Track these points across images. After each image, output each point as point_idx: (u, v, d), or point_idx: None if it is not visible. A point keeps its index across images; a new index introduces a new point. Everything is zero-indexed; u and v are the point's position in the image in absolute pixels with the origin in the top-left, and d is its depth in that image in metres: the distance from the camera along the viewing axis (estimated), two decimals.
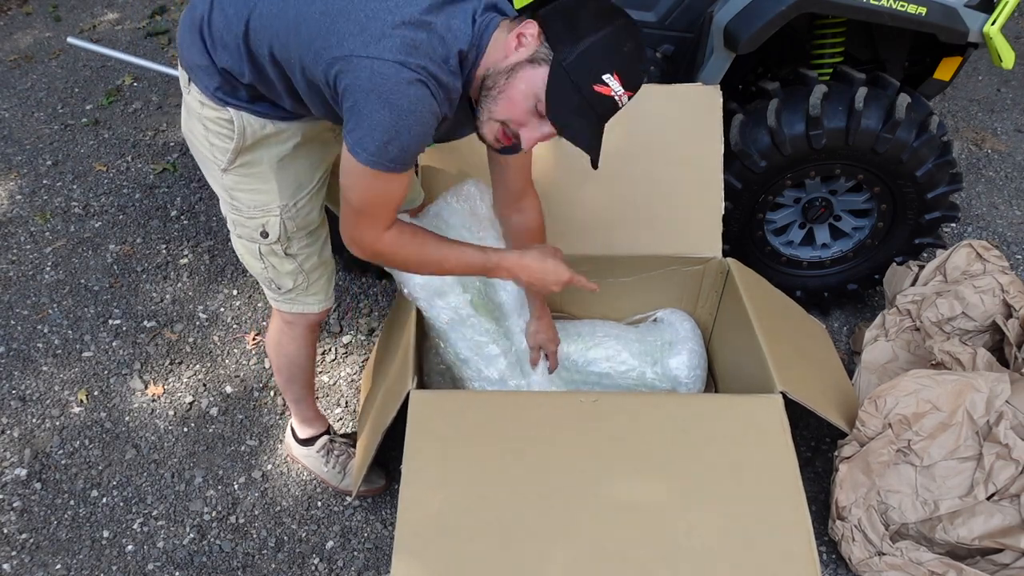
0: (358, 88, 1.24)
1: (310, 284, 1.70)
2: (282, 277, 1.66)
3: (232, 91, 1.45)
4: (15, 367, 2.35)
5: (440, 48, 1.26)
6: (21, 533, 1.95)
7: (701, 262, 2.02)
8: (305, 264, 1.66)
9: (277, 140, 1.51)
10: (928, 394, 1.74)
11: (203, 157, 1.56)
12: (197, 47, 1.43)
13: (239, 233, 1.62)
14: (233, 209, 1.59)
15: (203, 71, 1.44)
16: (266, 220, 1.57)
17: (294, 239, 1.62)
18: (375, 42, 1.22)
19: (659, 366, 1.93)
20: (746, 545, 1.40)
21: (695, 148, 2.01)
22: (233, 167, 1.53)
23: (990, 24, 1.91)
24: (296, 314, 1.74)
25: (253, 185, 1.54)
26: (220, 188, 1.58)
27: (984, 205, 2.90)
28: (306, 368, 1.88)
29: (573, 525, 1.42)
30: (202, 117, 1.50)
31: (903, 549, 1.68)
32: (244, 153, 1.51)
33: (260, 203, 1.56)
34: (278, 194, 1.55)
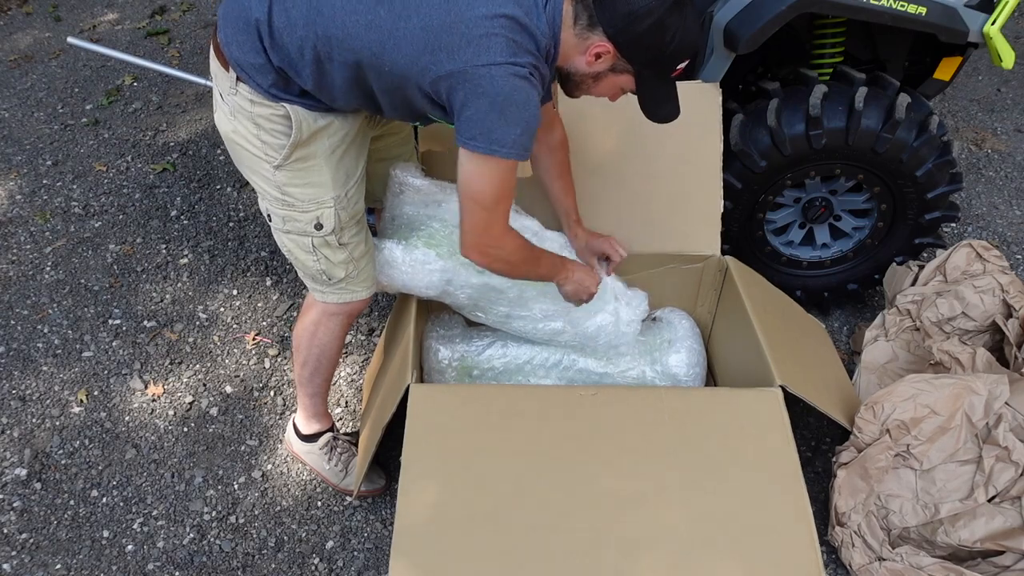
0: (481, 95, 1.36)
1: (360, 271, 1.73)
2: (335, 268, 1.69)
3: (286, 87, 1.48)
4: (15, 367, 2.36)
5: (531, 42, 1.39)
6: (21, 533, 1.95)
7: (700, 260, 2.02)
8: (355, 252, 1.70)
9: (329, 132, 1.55)
10: (926, 398, 1.74)
11: (250, 156, 1.57)
12: (251, 46, 1.46)
13: (289, 228, 1.64)
14: (284, 204, 1.60)
15: (256, 70, 1.47)
16: (321, 212, 1.60)
17: (346, 229, 1.65)
18: (485, 51, 1.34)
19: (659, 364, 1.93)
20: (748, 537, 1.40)
21: (694, 146, 2.01)
22: (288, 162, 1.55)
23: (990, 24, 1.91)
24: (343, 303, 1.76)
25: (308, 179, 1.57)
26: (270, 186, 1.59)
27: (984, 205, 2.90)
28: (334, 360, 1.89)
29: (572, 520, 1.42)
30: (254, 115, 1.52)
31: (903, 554, 1.68)
32: (300, 147, 1.54)
33: (314, 196, 1.59)
34: (332, 186, 1.59)
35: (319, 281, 1.73)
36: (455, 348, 1.89)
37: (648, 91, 1.53)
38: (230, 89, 1.52)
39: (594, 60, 1.47)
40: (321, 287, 1.74)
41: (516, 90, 1.37)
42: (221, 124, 1.60)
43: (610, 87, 1.54)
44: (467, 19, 1.35)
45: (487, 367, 1.88)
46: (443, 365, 1.88)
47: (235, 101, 1.52)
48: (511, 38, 1.36)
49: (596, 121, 2.02)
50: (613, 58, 1.46)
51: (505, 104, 1.37)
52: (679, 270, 2.02)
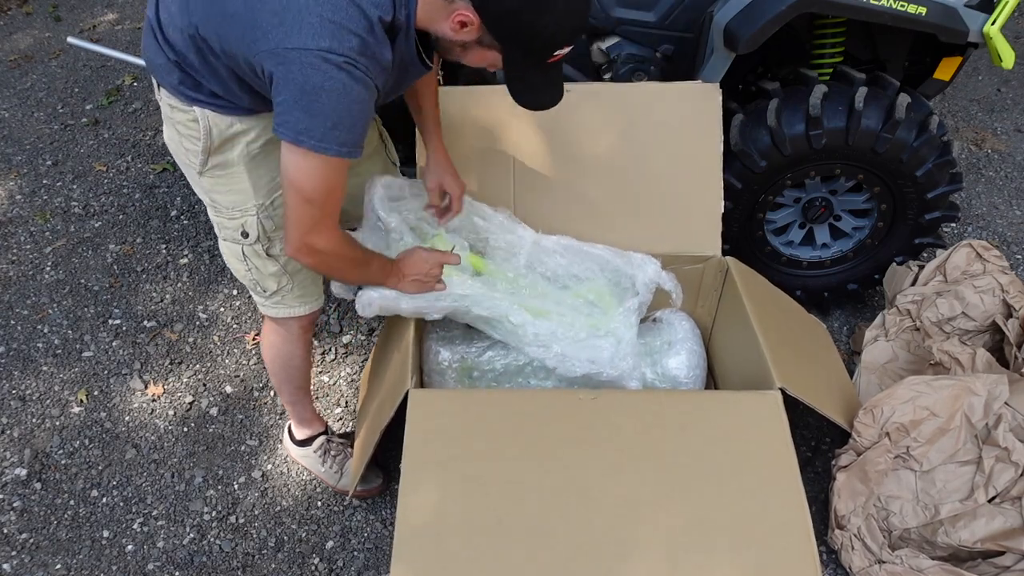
0: (291, 80, 1.24)
1: (295, 285, 1.68)
2: (266, 279, 1.65)
3: (196, 86, 1.44)
4: (15, 367, 2.36)
5: (360, 19, 1.25)
6: (21, 533, 1.95)
7: (700, 260, 2.02)
8: (288, 266, 1.64)
9: (246, 138, 1.50)
10: (925, 401, 1.74)
11: (182, 163, 1.58)
12: (154, 46, 1.45)
13: (223, 236, 1.62)
14: (214, 211, 1.59)
15: (164, 69, 1.45)
16: (244, 220, 1.57)
17: (275, 239, 1.60)
18: (296, 31, 1.22)
19: (658, 366, 1.93)
20: (746, 541, 1.40)
21: (694, 146, 2.01)
22: (207, 169, 1.53)
23: (990, 24, 1.91)
24: (284, 318, 1.73)
25: (228, 185, 1.54)
26: (201, 192, 1.59)
27: (984, 205, 2.90)
28: (301, 368, 1.87)
29: (572, 523, 1.42)
30: (174, 121, 1.51)
31: (903, 557, 1.68)
32: (215, 154, 1.51)
33: (236, 203, 1.56)
34: (253, 193, 1.55)
35: (255, 292, 1.70)
36: (455, 349, 1.89)
37: (516, 73, 1.38)
38: (157, 95, 1.52)
39: (459, 28, 1.31)
40: (259, 298, 1.71)
41: (328, 80, 1.24)
42: (164, 133, 1.60)
43: (480, 59, 1.38)
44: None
45: (487, 368, 1.88)
46: (443, 366, 1.88)
47: (162, 108, 1.52)
48: (329, 19, 1.22)
49: (595, 121, 2.02)
50: (478, 30, 1.30)
51: (314, 94, 1.24)
52: (679, 271, 2.01)
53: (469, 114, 2.01)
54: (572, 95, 2.01)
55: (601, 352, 1.75)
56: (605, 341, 1.78)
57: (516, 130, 2.01)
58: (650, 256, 1.89)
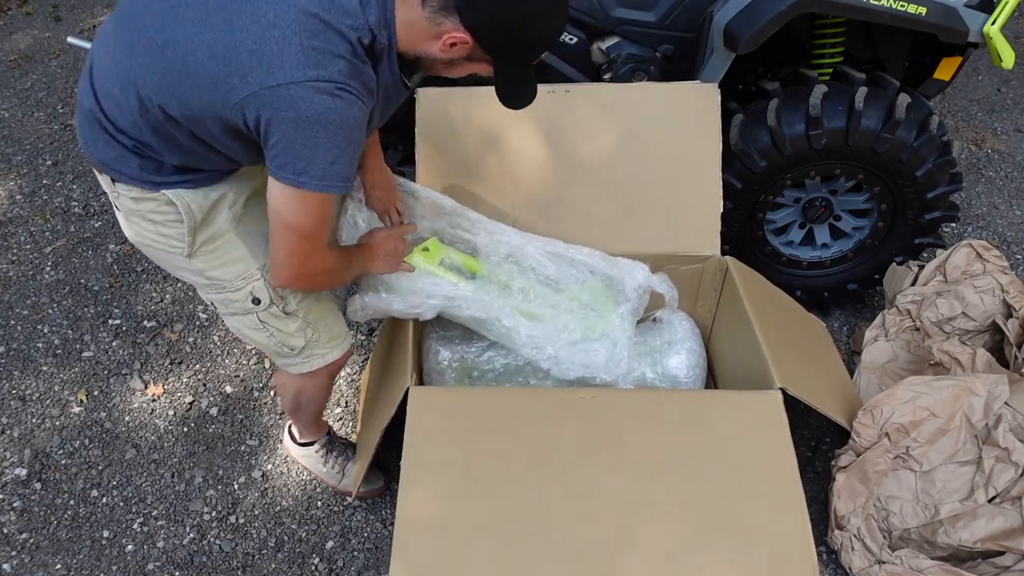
0: (283, 119, 1.19)
1: (321, 333, 1.63)
2: (292, 338, 1.59)
3: (158, 168, 1.37)
4: (15, 367, 2.36)
5: (341, 43, 1.20)
6: (21, 533, 1.95)
7: (700, 260, 2.02)
8: (309, 316, 1.59)
9: (226, 203, 1.45)
10: (925, 401, 1.74)
11: (163, 253, 1.47)
12: (102, 139, 1.36)
13: (232, 311, 1.54)
14: (216, 288, 1.51)
15: (118, 161, 1.37)
16: (252, 287, 1.50)
17: (289, 295, 1.54)
18: (279, 67, 1.16)
19: (659, 366, 1.93)
20: (746, 540, 1.40)
21: (693, 146, 2.01)
22: (197, 248, 1.45)
23: (990, 24, 1.91)
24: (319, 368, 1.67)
25: (225, 257, 1.48)
26: (193, 275, 1.50)
27: (984, 205, 2.90)
28: (323, 402, 1.85)
29: (571, 521, 1.42)
30: (143, 213, 1.41)
31: (903, 557, 1.68)
32: (201, 230, 1.43)
33: (239, 272, 1.49)
34: (252, 256, 1.49)
35: (283, 355, 1.63)
36: (455, 349, 1.89)
37: (506, 79, 1.37)
38: (112, 193, 1.42)
39: (449, 48, 1.29)
40: (289, 360, 1.64)
41: (325, 111, 1.19)
42: (127, 232, 1.49)
43: (462, 71, 1.37)
44: (253, 33, 1.17)
45: (487, 368, 1.88)
46: (443, 366, 1.88)
47: (123, 204, 1.42)
48: (309, 46, 1.17)
49: (595, 121, 2.02)
50: (470, 47, 1.29)
51: (310, 129, 1.19)
52: (679, 271, 2.02)
53: (468, 115, 2.01)
54: (572, 95, 2.02)
55: (596, 356, 1.75)
56: (600, 344, 1.78)
57: (515, 130, 2.01)
58: (639, 262, 1.89)
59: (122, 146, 1.35)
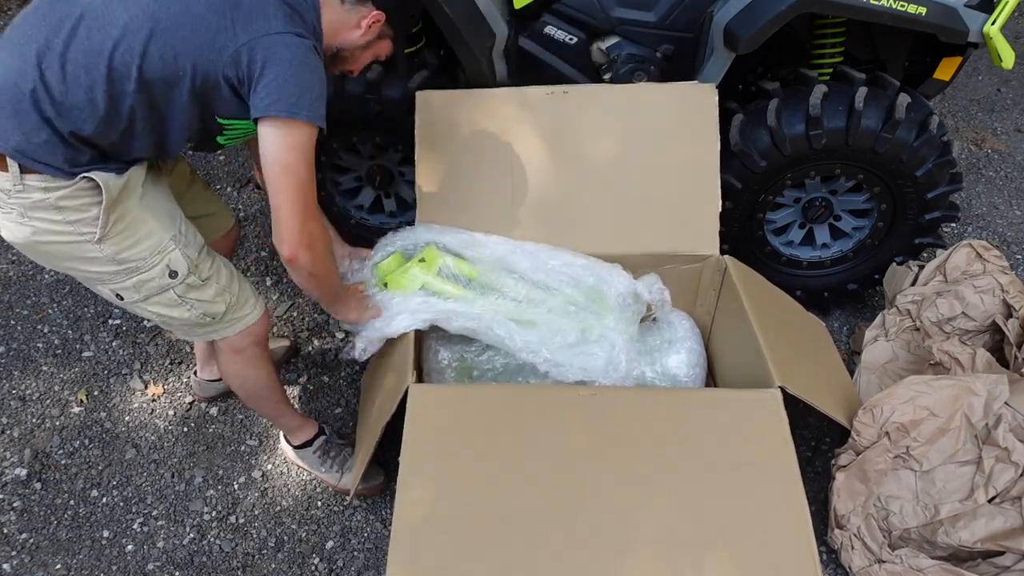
0: (278, 60, 1.37)
1: (238, 294, 1.68)
2: (212, 305, 1.63)
3: (76, 156, 1.40)
4: (15, 367, 2.36)
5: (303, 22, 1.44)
6: (21, 533, 1.95)
7: (699, 260, 2.02)
8: (221, 279, 1.64)
9: (131, 185, 1.49)
10: (925, 401, 1.74)
11: (66, 245, 1.47)
12: (31, 122, 1.36)
13: (146, 294, 1.55)
14: (128, 272, 1.52)
15: (44, 148, 1.37)
16: (167, 259, 1.53)
17: (201, 264, 1.59)
18: (275, 19, 1.38)
19: (658, 365, 1.93)
20: (745, 540, 1.40)
21: (691, 145, 2.01)
22: (109, 230, 1.46)
23: (990, 24, 1.91)
24: (242, 333, 1.71)
25: (137, 234, 1.50)
26: (103, 263, 1.50)
27: (984, 205, 2.90)
28: (270, 386, 1.86)
29: (570, 521, 1.42)
30: (53, 203, 1.41)
31: (903, 556, 1.68)
32: (114, 209, 1.46)
33: (152, 247, 1.52)
34: (164, 227, 1.54)
35: (205, 325, 1.66)
36: (455, 348, 1.89)
37: None
38: (14, 188, 1.39)
39: (367, 30, 1.55)
40: (212, 329, 1.68)
41: (308, 56, 1.40)
42: (14, 235, 1.46)
43: (372, 56, 1.63)
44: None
45: (487, 367, 1.88)
46: (443, 365, 1.88)
47: (24, 200, 1.40)
48: (289, 13, 1.40)
49: (594, 121, 2.02)
50: (382, 24, 1.56)
51: (300, 68, 1.39)
52: (678, 270, 2.02)
53: (468, 116, 2.02)
54: (572, 95, 2.02)
55: (594, 360, 1.77)
56: (598, 347, 1.79)
57: (514, 130, 2.01)
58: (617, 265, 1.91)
59: (53, 131, 1.37)
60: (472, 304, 1.80)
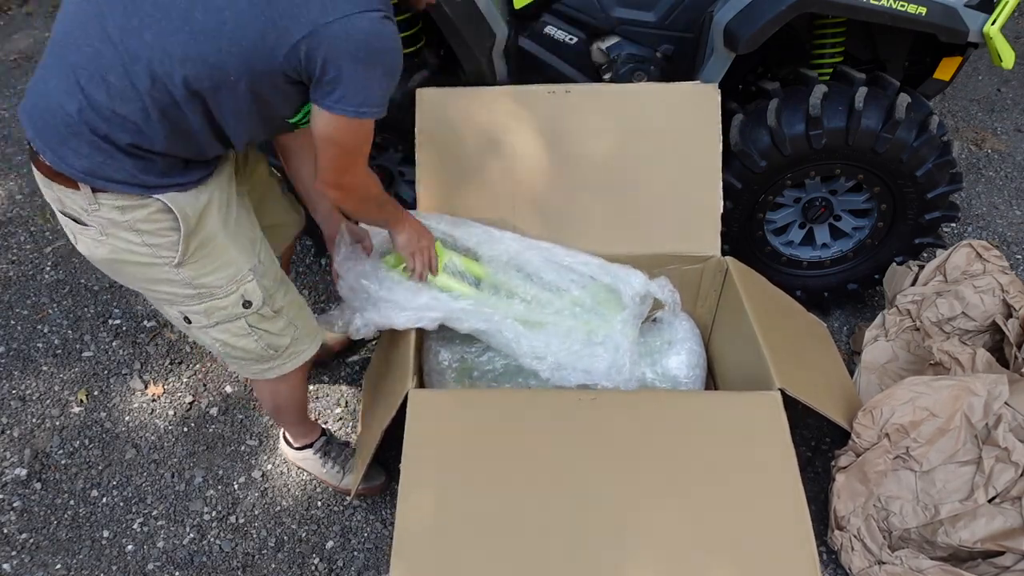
0: (340, 54, 1.24)
1: (300, 328, 1.64)
2: (278, 338, 1.60)
3: (148, 168, 1.33)
4: (15, 367, 2.36)
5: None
6: (21, 533, 1.95)
7: (700, 260, 2.02)
8: (291, 311, 1.61)
9: (214, 206, 1.44)
10: (924, 401, 1.74)
11: (144, 267, 1.43)
12: (89, 143, 1.30)
13: (215, 320, 1.51)
14: (201, 298, 1.48)
15: (107, 166, 1.31)
16: (243, 289, 1.49)
17: (275, 294, 1.56)
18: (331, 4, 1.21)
19: (658, 366, 1.93)
20: (745, 542, 1.40)
21: (693, 146, 2.01)
22: (188, 256, 1.42)
23: (990, 24, 1.91)
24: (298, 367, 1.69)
25: (216, 262, 1.46)
26: (178, 286, 1.46)
27: (984, 205, 2.90)
28: (300, 402, 1.86)
29: (571, 523, 1.42)
30: (131, 224, 1.37)
31: (903, 557, 1.68)
32: (195, 235, 1.42)
33: (230, 276, 1.47)
34: (243, 257, 1.49)
35: (264, 360, 1.61)
36: (455, 349, 1.89)
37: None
38: (91, 207, 1.35)
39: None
40: (267, 364, 1.63)
41: (376, 38, 1.25)
42: (93, 252, 1.42)
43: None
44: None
45: (487, 368, 1.88)
46: (443, 366, 1.88)
47: (101, 218, 1.36)
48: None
49: (595, 121, 2.02)
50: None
51: (368, 59, 1.26)
52: (679, 271, 2.02)
53: (468, 114, 2.01)
54: (572, 95, 2.02)
55: (597, 362, 1.76)
56: (603, 349, 1.79)
57: (515, 130, 2.01)
58: (635, 269, 1.89)
59: (113, 146, 1.30)
60: (482, 304, 1.78)
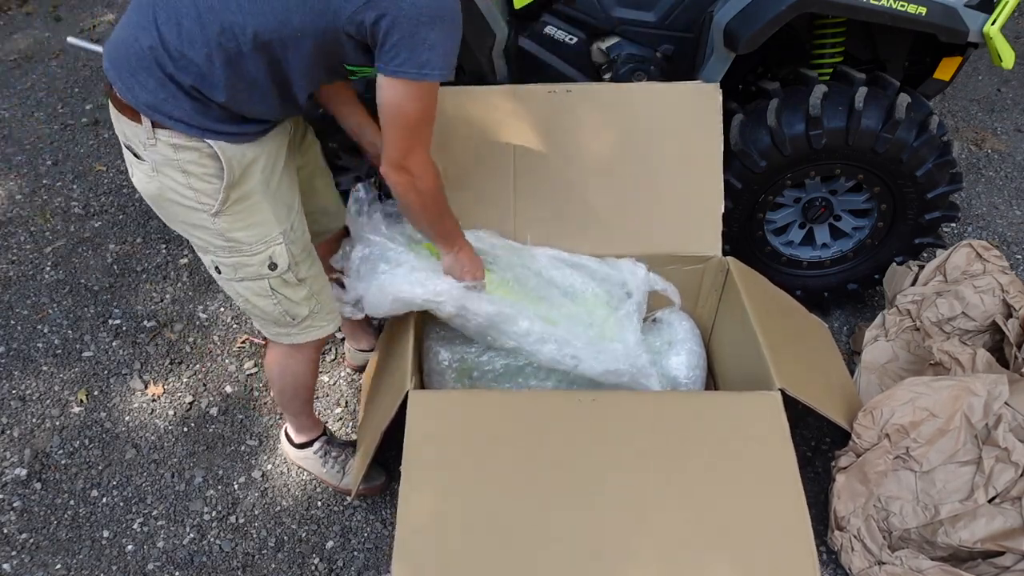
0: (405, 18, 1.28)
1: (322, 304, 1.66)
2: (297, 306, 1.62)
3: (206, 112, 1.39)
4: (15, 367, 2.36)
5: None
6: (21, 533, 1.95)
7: (701, 261, 2.02)
8: (314, 285, 1.63)
9: (260, 166, 1.48)
10: (924, 402, 1.74)
11: (185, 209, 1.48)
12: (155, 79, 1.36)
13: (242, 275, 1.55)
14: (231, 251, 1.52)
15: (169, 103, 1.37)
16: (272, 251, 1.52)
17: (302, 263, 1.59)
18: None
19: (658, 366, 1.93)
20: (745, 542, 1.40)
21: (695, 146, 2.01)
22: (227, 207, 1.46)
23: (990, 24, 1.91)
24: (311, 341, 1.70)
25: (251, 219, 1.49)
26: (212, 235, 1.50)
27: (984, 205, 2.90)
28: (310, 385, 1.87)
29: (571, 524, 1.42)
30: (181, 163, 1.42)
31: (903, 558, 1.68)
32: (236, 188, 1.46)
33: (261, 235, 1.51)
34: (276, 221, 1.52)
35: (282, 324, 1.65)
36: (455, 349, 1.89)
37: None
38: (148, 140, 1.41)
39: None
40: (285, 329, 1.66)
41: (441, 5, 1.30)
42: (145, 187, 1.49)
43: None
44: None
45: (487, 368, 1.88)
46: (443, 366, 1.88)
47: (156, 154, 1.42)
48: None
49: (596, 121, 2.02)
50: None
51: (431, 22, 1.29)
52: (680, 271, 2.02)
53: (468, 114, 2.01)
54: (572, 95, 2.02)
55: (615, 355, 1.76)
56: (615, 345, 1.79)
57: (515, 130, 2.01)
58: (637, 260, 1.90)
59: (176, 85, 1.36)
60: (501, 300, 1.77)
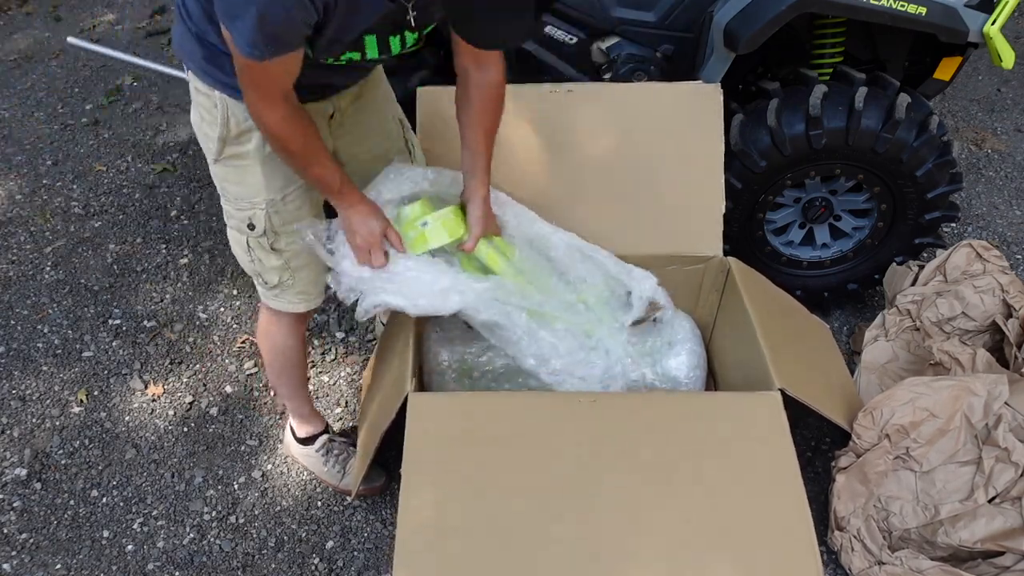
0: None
1: (296, 282, 1.68)
2: (268, 272, 1.65)
3: (214, 60, 1.42)
4: (15, 367, 2.36)
5: None
6: (21, 533, 1.95)
7: (701, 261, 2.01)
8: (292, 261, 1.64)
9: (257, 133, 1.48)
10: (924, 402, 1.74)
11: (203, 146, 1.57)
12: (180, 20, 1.46)
13: (230, 224, 1.63)
14: (224, 198, 1.60)
15: (187, 46, 1.45)
16: (252, 213, 1.57)
17: (281, 235, 1.60)
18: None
19: (658, 367, 1.93)
20: (747, 542, 1.40)
21: (695, 146, 2.01)
22: (222, 158, 1.53)
23: (990, 24, 1.91)
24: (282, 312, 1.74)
25: (240, 177, 1.54)
26: (215, 177, 1.59)
27: (984, 205, 2.90)
28: (296, 361, 1.87)
29: (572, 524, 1.42)
30: (198, 104, 1.51)
31: (903, 558, 1.68)
32: (230, 144, 1.50)
33: (246, 195, 1.55)
34: (264, 188, 1.54)
35: (257, 282, 1.71)
36: (455, 350, 1.89)
37: None
38: (187, 75, 1.52)
39: None
40: (261, 288, 1.72)
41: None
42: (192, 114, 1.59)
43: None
44: None
45: (487, 368, 1.88)
46: (443, 367, 1.88)
47: (192, 88, 1.52)
48: None
49: (596, 121, 2.02)
50: None
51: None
52: (680, 271, 2.02)
53: None
54: (572, 95, 2.02)
55: (592, 369, 1.76)
56: (595, 356, 1.78)
57: (515, 130, 2.01)
58: (649, 272, 1.89)
59: (187, 31, 1.44)
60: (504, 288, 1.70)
